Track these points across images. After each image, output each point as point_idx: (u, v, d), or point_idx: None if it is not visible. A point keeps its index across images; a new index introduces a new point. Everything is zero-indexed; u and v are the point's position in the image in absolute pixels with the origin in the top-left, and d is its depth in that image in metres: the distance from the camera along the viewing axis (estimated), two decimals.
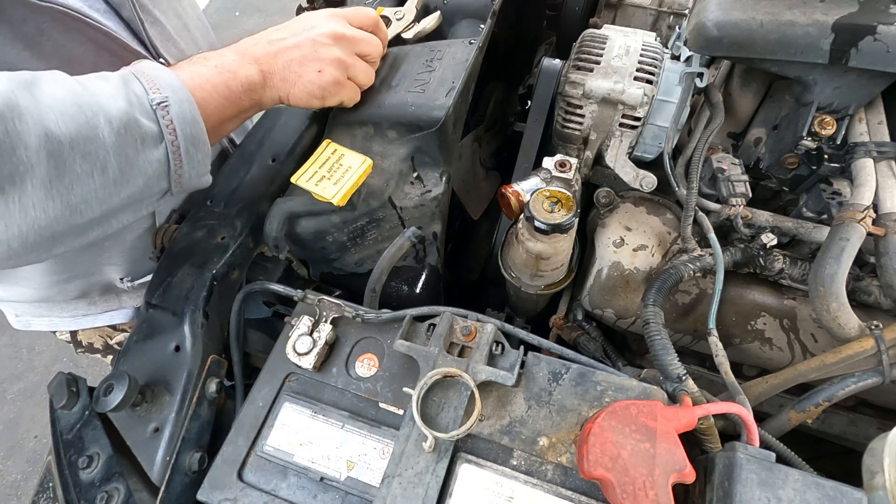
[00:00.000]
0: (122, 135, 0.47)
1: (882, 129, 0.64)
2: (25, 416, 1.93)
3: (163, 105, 0.49)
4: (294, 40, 0.60)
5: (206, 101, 0.54)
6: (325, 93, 0.61)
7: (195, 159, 0.52)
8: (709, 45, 0.63)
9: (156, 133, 0.49)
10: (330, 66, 0.60)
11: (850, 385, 0.56)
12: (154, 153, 0.49)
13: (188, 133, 0.51)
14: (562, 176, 0.69)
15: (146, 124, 0.48)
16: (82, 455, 0.53)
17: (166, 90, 0.50)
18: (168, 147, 0.50)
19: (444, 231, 0.73)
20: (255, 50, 0.59)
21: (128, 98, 0.48)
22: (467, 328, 0.54)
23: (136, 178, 0.49)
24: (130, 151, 0.47)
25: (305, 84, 0.60)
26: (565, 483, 0.47)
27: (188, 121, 0.50)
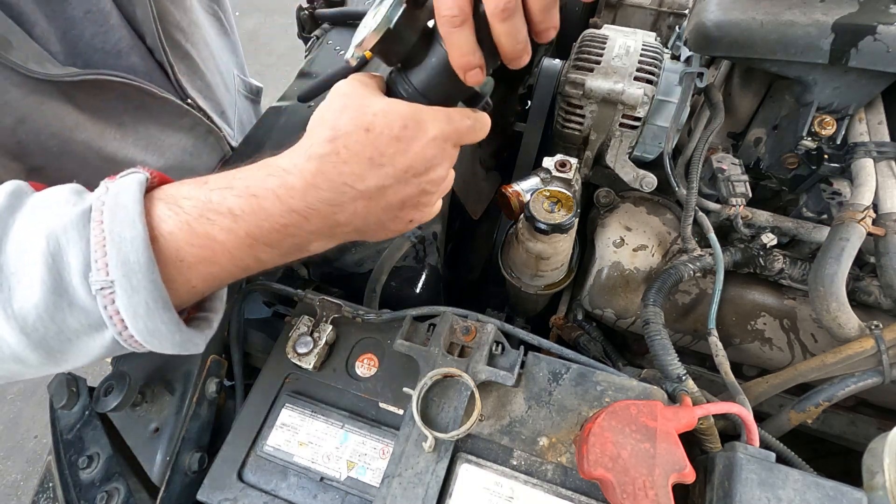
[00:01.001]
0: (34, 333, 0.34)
1: (882, 129, 0.64)
2: (25, 416, 1.93)
3: (106, 292, 0.34)
4: (399, 193, 0.40)
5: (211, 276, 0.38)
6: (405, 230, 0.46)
7: (163, 344, 0.37)
8: (709, 45, 0.63)
9: (94, 322, 0.35)
10: (426, 213, 0.45)
11: (850, 385, 0.56)
12: (94, 341, 0.36)
13: (143, 327, 0.35)
14: (562, 176, 0.69)
15: (77, 312, 0.35)
16: (82, 455, 0.53)
17: (116, 270, 0.34)
18: (115, 335, 0.36)
19: (444, 231, 0.73)
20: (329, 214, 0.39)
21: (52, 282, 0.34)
22: (467, 328, 0.54)
23: (73, 360, 0.37)
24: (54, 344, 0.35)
25: (389, 233, 0.44)
26: (565, 483, 0.47)
27: (142, 314, 0.35)
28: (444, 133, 0.40)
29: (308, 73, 0.83)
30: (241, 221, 0.37)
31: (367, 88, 0.40)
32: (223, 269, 0.38)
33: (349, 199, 0.38)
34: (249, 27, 3.23)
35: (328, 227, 0.39)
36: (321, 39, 0.91)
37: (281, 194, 0.37)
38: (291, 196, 0.37)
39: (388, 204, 0.40)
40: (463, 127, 0.42)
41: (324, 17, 0.93)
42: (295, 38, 1.00)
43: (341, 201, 0.38)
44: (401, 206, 0.41)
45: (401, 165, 0.39)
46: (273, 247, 0.39)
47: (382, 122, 0.38)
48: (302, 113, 0.75)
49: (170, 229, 0.36)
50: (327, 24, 0.93)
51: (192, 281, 0.37)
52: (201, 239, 0.36)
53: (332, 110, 0.39)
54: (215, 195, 0.37)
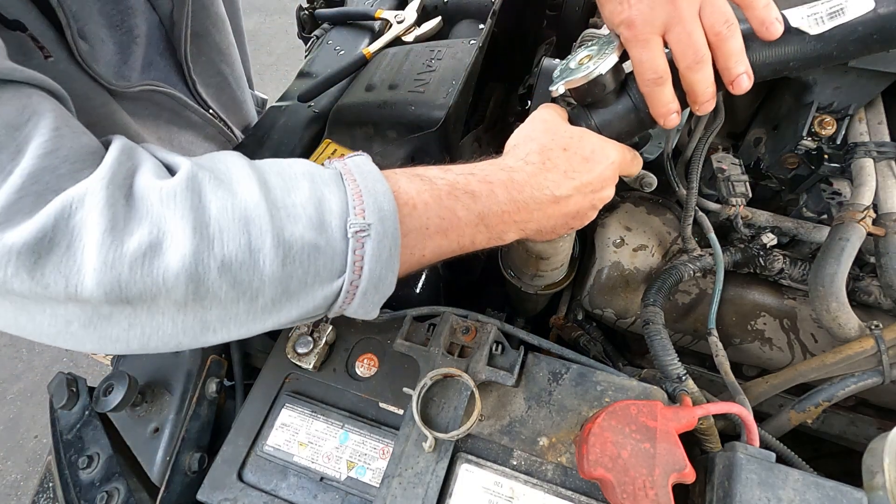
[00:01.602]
0: (290, 265, 0.36)
1: (882, 129, 0.64)
2: (25, 416, 1.93)
3: (361, 235, 0.38)
4: (578, 203, 0.48)
5: (440, 248, 0.43)
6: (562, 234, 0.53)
7: (370, 301, 0.41)
8: None
9: (337, 267, 0.38)
10: (584, 223, 0.52)
11: (850, 385, 0.56)
12: (324, 289, 0.39)
13: (376, 275, 0.39)
14: None
15: (328, 254, 0.37)
16: (82, 455, 0.53)
17: (373, 215, 0.38)
18: (345, 285, 0.39)
19: None
20: (531, 206, 0.46)
21: (316, 220, 0.37)
22: (467, 328, 0.54)
23: (291, 309, 0.39)
24: (294, 284, 0.37)
25: (550, 236, 0.51)
26: (565, 483, 0.47)
27: (383, 261, 0.39)
28: (619, 162, 0.49)
29: (308, 73, 0.83)
30: (478, 202, 0.43)
31: (561, 117, 0.51)
32: (450, 242, 0.43)
33: (546, 201, 0.46)
34: (249, 27, 3.22)
35: (526, 220, 0.46)
36: (321, 39, 0.91)
37: (509, 186, 0.45)
38: (515, 188, 0.45)
39: (567, 211, 0.48)
40: (629, 160, 0.51)
41: (324, 17, 0.93)
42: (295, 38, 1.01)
43: (542, 200, 0.46)
44: (574, 215, 0.49)
45: (585, 180, 0.47)
46: (489, 228, 0.45)
47: (577, 144, 0.47)
48: (302, 113, 0.75)
49: (426, 200, 0.42)
50: (327, 24, 0.93)
51: (425, 249, 0.42)
52: (447, 212, 0.42)
53: (537, 130, 0.49)
54: (461, 179, 0.44)
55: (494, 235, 0.46)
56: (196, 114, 0.74)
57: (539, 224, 0.47)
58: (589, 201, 0.49)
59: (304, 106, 0.76)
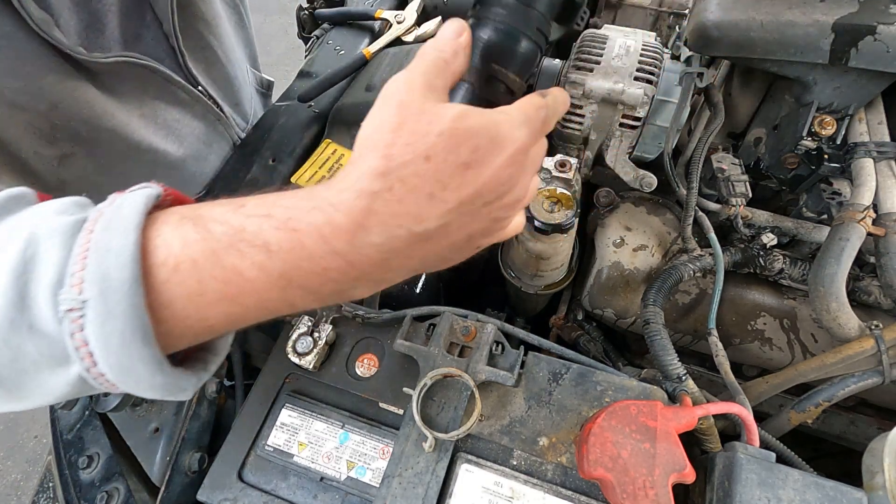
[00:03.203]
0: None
1: (882, 129, 0.64)
2: (25, 416, 1.93)
3: (74, 315, 0.28)
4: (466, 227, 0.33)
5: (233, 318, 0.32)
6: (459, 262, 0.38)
7: (140, 387, 0.31)
8: (709, 46, 0.63)
9: (57, 352, 0.29)
10: (499, 238, 0.38)
11: (850, 385, 0.56)
12: (58, 376, 0.30)
13: (117, 365, 0.29)
14: (562, 176, 0.69)
15: (38, 335, 0.29)
16: (82, 455, 0.53)
17: (92, 287, 0.28)
18: (84, 374, 0.29)
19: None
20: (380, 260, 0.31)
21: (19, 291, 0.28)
22: (467, 328, 0.54)
23: (30, 398, 0.31)
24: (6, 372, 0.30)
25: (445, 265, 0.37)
26: (565, 483, 0.47)
27: (116, 348, 0.28)
28: (523, 145, 0.32)
29: (308, 73, 0.83)
30: (276, 259, 0.30)
31: (430, 92, 0.32)
32: (247, 310, 0.32)
33: (404, 245, 0.31)
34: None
35: (378, 272, 0.32)
36: (321, 39, 0.91)
37: (326, 233, 0.30)
38: (337, 237, 0.30)
39: (451, 242, 0.33)
40: (540, 123, 0.34)
41: (324, 17, 0.93)
42: (295, 38, 1.00)
43: (395, 246, 0.31)
44: (467, 240, 0.34)
45: (467, 196, 0.31)
46: (309, 291, 0.32)
47: (447, 145, 0.30)
48: (302, 113, 0.75)
49: (194, 257, 0.30)
50: (327, 24, 0.93)
51: (209, 319, 0.31)
52: (228, 273, 0.30)
53: (385, 129, 0.31)
54: (251, 223, 0.31)
55: (328, 296, 0.33)
56: (184, 90, 0.71)
57: (410, 268, 0.34)
58: (486, 218, 0.33)
59: (304, 106, 0.76)
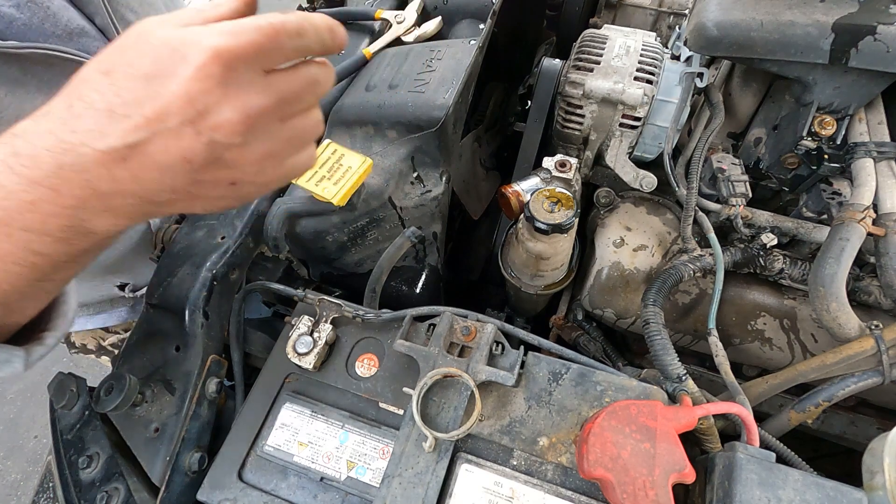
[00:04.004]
0: None
1: (882, 129, 0.64)
2: (25, 416, 1.93)
3: None
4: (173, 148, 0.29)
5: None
6: (261, 192, 0.35)
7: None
8: (709, 45, 0.63)
9: None
10: (253, 170, 0.33)
11: (850, 385, 0.56)
12: None
13: None
14: (562, 176, 0.69)
15: None
16: (82, 455, 0.53)
17: None
18: None
19: (444, 231, 0.73)
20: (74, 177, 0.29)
21: None
22: (467, 328, 0.54)
23: None
24: None
25: (215, 201, 0.34)
26: (565, 483, 0.47)
27: None
28: (215, 55, 0.28)
29: None
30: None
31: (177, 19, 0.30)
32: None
33: (94, 163, 0.29)
34: None
35: (91, 197, 0.30)
36: None
37: (12, 164, 0.29)
38: (24, 165, 0.29)
39: (162, 169, 0.30)
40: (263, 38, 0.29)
41: None
42: None
43: (85, 165, 0.29)
44: (188, 168, 0.30)
45: (153, 111, 0.28)
46: (35, 231, 0.30)
47: (127, 59, 0.29)
48: None
49: None
50: None
51: None
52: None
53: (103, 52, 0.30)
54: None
55: (63, 232, 0.30)
56: None
57: (136, 193, 0.30)
58: (197, 142, 0.29)
59: None
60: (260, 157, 0.32)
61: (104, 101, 0.28)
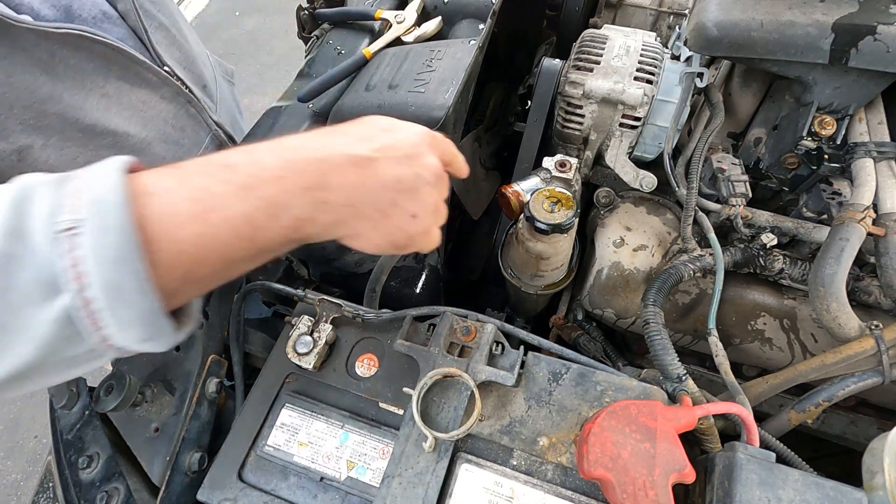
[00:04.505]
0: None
1: (882, 129, 0.64)
2: (25, 416, 1.93)
3: (71, 232, 0.29)
4: (391, 168, 0.40)
5: (203, 239, 0.34)
6: (410, 244, 0.44)
7: (126, 318, 0.31)
8: (709, 45, 0.63)
9: (46, 278, 0.30)
10: (427, 212, 0.43)
11: (850, 385, 0.56)
12: (43, 311, 0.30)
13: (108, 280, 0.30)
14: (562, 176, 0.69)
15: (32, 263, 0.29)
16: (82, 455, 0.53)
17: (87, 208, 0.30)
18: (72, 300, 0.30)
19: (444, 231, 0.73)
20: (320, 170, 0.37)
21: (12, 225, 0.30)
22: (467, 328, 0.54)
23: (20, 345, 0.31)
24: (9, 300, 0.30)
25: (391, 231, 0.42)
26: (565, 483, 0.47)
27: (112, 260, 0.30)
28: (426, 134, 0.44)
29: (308, 73, 0.83)
30: (237, 172, 0.35)
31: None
32: (216, 230, 0.34)
33: (339, 162, 0.38)
34: (249, 27, 3.23)
35: (319, 186, 0.37)
36: (321, 39, 0.91)
37: (274, 147, 0.38)
38: (285, 149, 0.37)
39: (381, 178, 0.39)
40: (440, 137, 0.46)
41: (324, 17, 0.93)
42: (295, 38, 1.00)
43: (332, 161, 0.38)
44: (395, 185, 0.40)
45: (387, 143, 0.40)
46: (268, 203, 0.36)
47: (364, 122, 0.42)
48: (302, 113, 0.75)
49: (167, 185, 0.34)
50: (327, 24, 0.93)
51: (181, 242, 0.33)
52: (199, 191, 0.34)
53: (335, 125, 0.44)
54: (218, 155, 0.37)
55: (279, 212, 0.36)
56: (150, 71, 0.69)
57: (347, 193, 0.38)
58: (410, 170, 0.40)
59: (303, 106, 0.76)
60: (434, 205, 0.44)
61: (353, 133, 0.41)
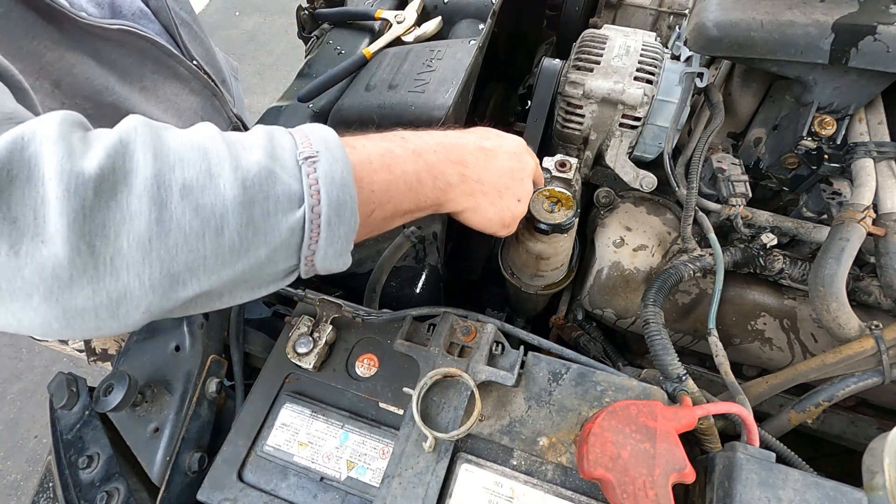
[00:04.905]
0: (250, 189, 0.37)
1: (882, 129, 0.64)
2: (25, 416, 1.93)
3: (311, 160, 0.40)
4: (506, 160, 0.55)
5: (388, 185, 0.46)
6: (511, 224, 0.56)
7: (337, 233, 0.41)
8: (709, 45, 0.63)
9: (295, 193, 0.39)
10: (525, 200, 0.57)
11: (850, 385, 0.56)
12: (287, 219, 0.39)
13: (335, 198, 0.40)
14: (562, 176, 0.69)
15: (284, 180, 0.39)
16: (82, 455, 0.53)
17: (318, 145, 0.41)
18: (307, 213, 0.39)
19: (444, 231, 0.73)
20: (461, 151, 0.52)
21: (269, 150, 0.39)
22: (467, 328, 0.54)
23: (258, 247, 0.39)
24: (257, 212, 0.38)
25: (502, 208, 0.54)
26: (565, 483, 0.47)
27: (337, 183, 0.40)
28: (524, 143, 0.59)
29: (308, 73, 0.83)
30: (409, 142, 0.49)
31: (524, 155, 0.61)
32: (396, 178, 0.47)
33: (474, 148, 0.53)
34: (249, 27, 3.23)
35: (461, 161, 0.52)
36: (321, 39, 0.91)
37: (433, 133, 0.52)
38: (439, 134, 0.52)
39: (500, 165, 0.54)
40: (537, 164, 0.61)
41: (324, 17, 0.93)
42: (295, 38, 1.00)
43: (470, 148, 0.53)
44: (509, 172, 0.55)
45: (501, 143, 0.56)
46: (429, 167, 0.49)
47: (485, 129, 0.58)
48: (302, 113, 0.75)
49: (363, 143, 0.46)
50: (327, 24, 0.93)
51: (373, 184, 0.45)
52: (384, 149, 0.47)
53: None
54: (388, 134, 0.50)
55: (437, 175, 0.50)
56: (182, 65, 0.73)
57: (479, 172, 0.53)
58: (519, 164, 0.56)
59: (303, 106, 0.76)
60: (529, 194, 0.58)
61: (476, 132, 0.56)
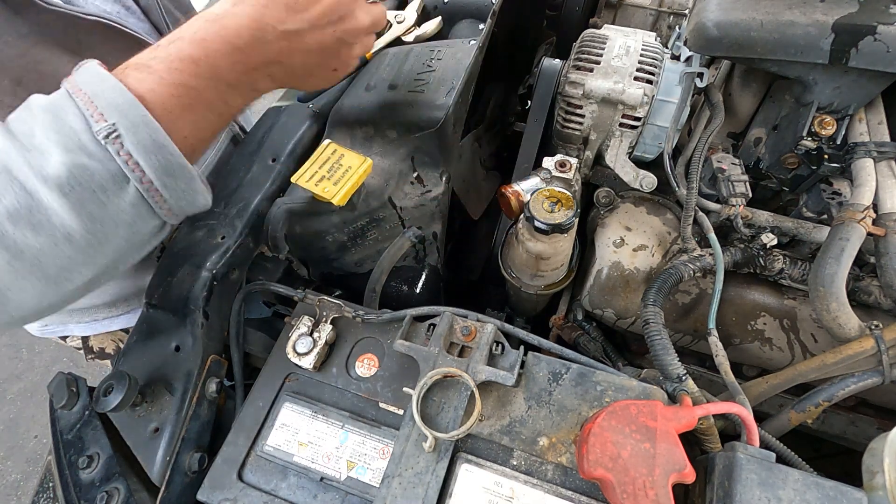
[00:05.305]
0: (72, 194, 0.37)
1: (882, 129, 0.64)
2: (25, 416, 1.93)
3: (113, 137, 0.37)
4: (316, 38, 0.48)
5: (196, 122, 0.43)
6: (332, 83, 0.57)
7: (177, 189, 0.41)
8: (709, 45, 0.63)
9: (116, 173, 0.38)
10: (346, 65, 0.54)
11: (850, 385, 0.56)
12: (123, 198, 0.39)
13: (156, 164, 0.39)
14: (562, 176, 0.69)
15: (98, 170, 0.37)
16: (82, 455, 0.53)
17: (111, 114, 0.38)
18: (137, 186, 0.39)
19: (444, 231, 0.73)
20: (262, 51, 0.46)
21: (62, 142, 0.37)
22: (467, 328, 0.54)
23: (114, 230, 0.40)
24: (92, 208, 0.38)
25: (317, 83, 0.54)
26: (565, 483, 0.47)
27: (151, 149, 0.38)
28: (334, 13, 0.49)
29: None
30: (201, 65, 0.42)
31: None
32: (202, 115, 0.43)
33: (274, 38, 0.45)
34: None
35: (265, 63, 0.46)
36: None
37: (223, 34, 0.43)
38: (231, 36, 0.44)
39: (307, 48, 0.48)
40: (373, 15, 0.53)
41: None
42: None
43: (268, 39, 0.45)
44: (321, 52, 0.49)
45: (315, 13, 0.47)
46: (232, 86, 0.45)
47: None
48: (302, 113, 0.75)
49: (150, 87, 0.40)
50: None
51: (182, 130, 0.42)
52: (178, 88, 0.41)
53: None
54: (172, 48, 0.42)
55: (245, 88, 0.46)
56: None
57: (285, 66, 0.47)
58: (332, 35, 0.49)
59: (303, 106, 0.76)
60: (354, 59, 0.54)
61: (285, 2, 0.45)
